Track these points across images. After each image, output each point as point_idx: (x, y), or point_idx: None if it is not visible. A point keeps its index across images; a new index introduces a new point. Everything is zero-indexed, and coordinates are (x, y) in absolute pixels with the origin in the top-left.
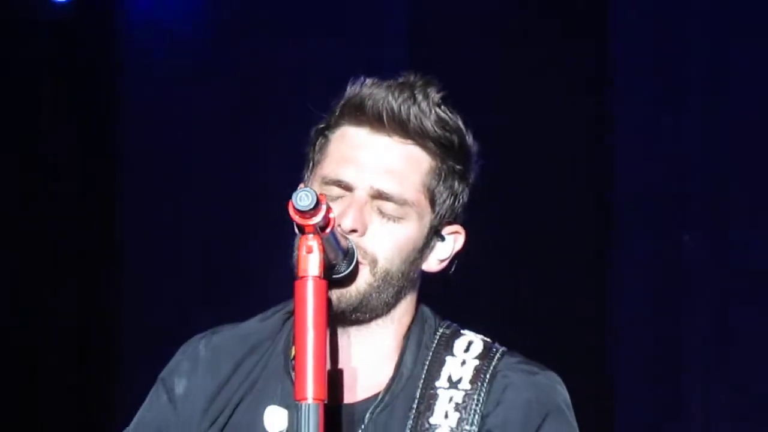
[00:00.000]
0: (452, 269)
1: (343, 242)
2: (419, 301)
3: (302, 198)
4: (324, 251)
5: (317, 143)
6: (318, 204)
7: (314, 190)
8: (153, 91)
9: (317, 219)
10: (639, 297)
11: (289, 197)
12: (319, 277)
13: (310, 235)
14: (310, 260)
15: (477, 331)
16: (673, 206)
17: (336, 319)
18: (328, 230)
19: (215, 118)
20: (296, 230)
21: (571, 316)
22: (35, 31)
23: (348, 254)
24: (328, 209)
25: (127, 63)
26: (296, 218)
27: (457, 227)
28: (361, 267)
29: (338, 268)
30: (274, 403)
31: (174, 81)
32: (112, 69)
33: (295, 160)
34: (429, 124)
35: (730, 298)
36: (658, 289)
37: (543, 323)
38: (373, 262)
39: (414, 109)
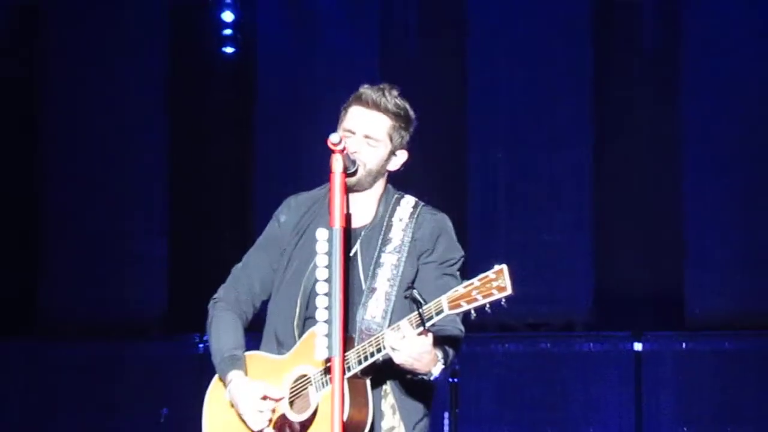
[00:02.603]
0: (402, 170)
1: (351, 157)
2: (387, 182)
3: (333, 137)
4: (343, 161)
5: (342, 113)
6: (340, 140)
7: (339, 134)
8: (279, 97)
9: (339, 147)
10: None
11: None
12: (342, 173)
13: (337, 154)
14: (336, 165)
15: (412, 194)
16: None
17: (348, 190)
18: (345, 152)
19: (308, 113)
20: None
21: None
22: (211, 75)
23: (354, 163)
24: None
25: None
26: (330, 146)
27: (403, 150)
28: (359, 168)
29: (349, 169)
30: (322, 227)
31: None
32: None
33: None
34: (390, 105)
35: None
36: None
37: None
38: (364, 165)
39: (383, 99)
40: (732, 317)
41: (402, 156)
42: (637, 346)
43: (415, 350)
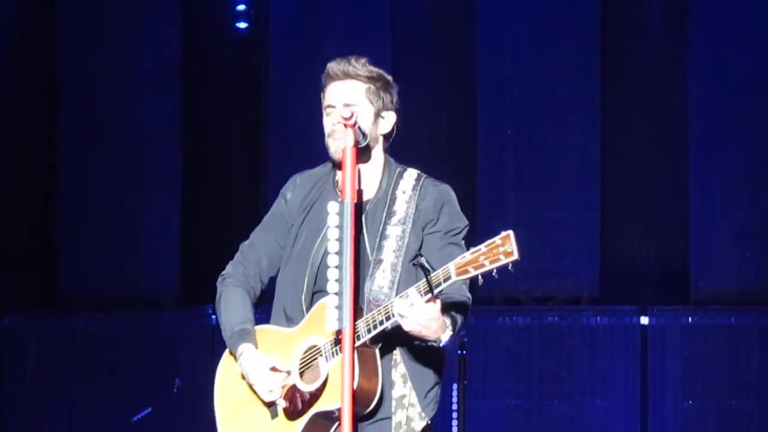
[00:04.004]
0: (394, 133)
1: (361, 130)
2: (386, 154)
3: (344, 112)
4: (354, 135)
5: (321, 93)
6: (352, 114)
7: (352, 111)
8: (288, 71)
9: (351, 121)
10: None
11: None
12: (353, 146)
13: (349, 129)
14: (348, 139)
15: (413, 167)
16: None
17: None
18: (355, 126)
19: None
20: (343, 126)
21: None
22: (224, 51)
23: (365, 136)
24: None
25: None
26: (342, 121)
27: (390, 112)
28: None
29: (361, 143)
30: (332, 200)
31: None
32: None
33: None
34: (359, 71)
35: None
36: None
37: None
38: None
39: (350, 67)
40: (737, 292)
41: (390, 117)
42: (643, 320)
43: (424, 317)
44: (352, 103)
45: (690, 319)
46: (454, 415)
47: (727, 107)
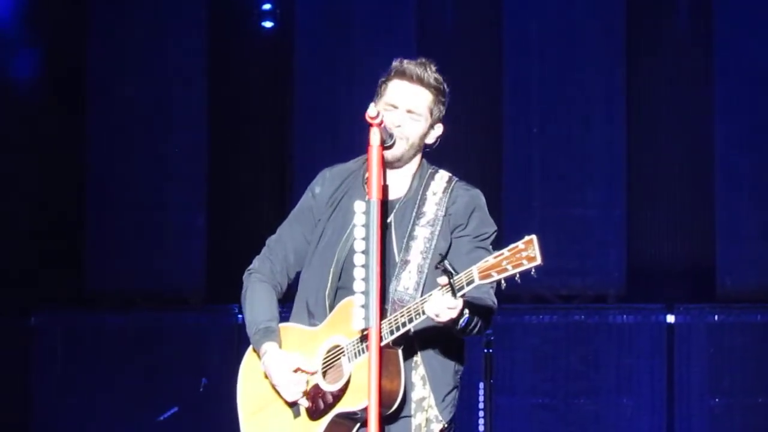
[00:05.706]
0: (437, 143)
1: (389, 130)
2: (423, 157)
3: (370, 111)
4: (380, 134)
5: (382, 86)
6: (378, 114)
7: (377, 107)
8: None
9: (377, 120)
10: None
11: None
12: (379, 146)
13: (374, 127)
14: (374, 138)
15: (448, 170)
16: None
17: (389, 165)
18: (382, 125)
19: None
20: (369, 125)
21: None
22: (250, 50)
23: (391, 136)
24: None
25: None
26: (368, 119)
27: (440, 123)
28: (398, 141)
29: (387, 142)
30: (359, 199)
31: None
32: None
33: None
34: (431, 80)
35: None
36: None
37: None
38: (406, 139)
39: (425, 74)
40: (763, 290)
41: (439, 129)
42: (669, 318)
43: (449, 314)
44: (416, 112)
45: (716, 317)
46: (481, 413)
47: (753, 103)
